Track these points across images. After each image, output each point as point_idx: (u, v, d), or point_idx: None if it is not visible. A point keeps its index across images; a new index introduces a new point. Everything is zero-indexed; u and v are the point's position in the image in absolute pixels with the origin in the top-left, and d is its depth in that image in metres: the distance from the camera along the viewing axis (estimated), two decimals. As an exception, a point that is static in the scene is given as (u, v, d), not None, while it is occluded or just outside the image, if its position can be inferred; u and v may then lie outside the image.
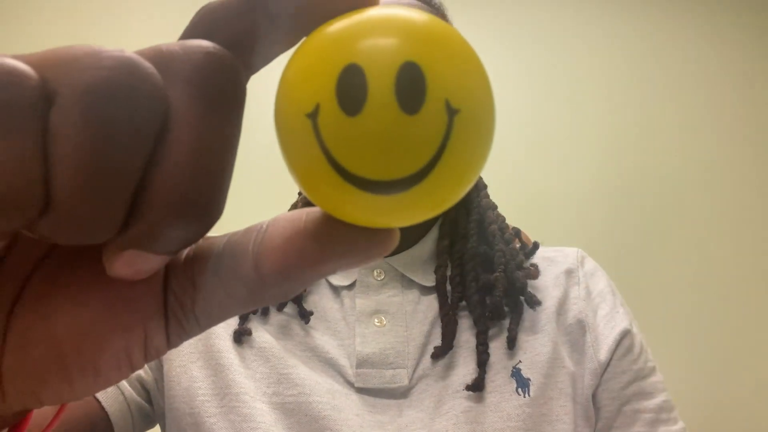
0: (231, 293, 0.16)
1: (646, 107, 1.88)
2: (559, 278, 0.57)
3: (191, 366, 0.51)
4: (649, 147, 1.86)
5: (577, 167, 1.85)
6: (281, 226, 0.16)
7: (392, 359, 0.51)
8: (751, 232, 1.83)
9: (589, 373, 0.52)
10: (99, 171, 0.12)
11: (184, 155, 0.13)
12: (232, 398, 0.48)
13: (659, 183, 1.85)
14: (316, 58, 0.14)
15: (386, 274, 0.56)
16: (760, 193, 1.85)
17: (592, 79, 1.89)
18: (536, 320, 0.54)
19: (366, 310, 0.53)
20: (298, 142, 0.14)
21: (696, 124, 1.87)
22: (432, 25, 0.14)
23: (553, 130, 1.87)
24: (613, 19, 1.92)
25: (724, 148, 1.87)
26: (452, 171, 0.14)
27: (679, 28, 1.91)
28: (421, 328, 0.53)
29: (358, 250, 0.16)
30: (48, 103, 0.12)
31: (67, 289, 0.16)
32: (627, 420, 0.51)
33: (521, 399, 0.49)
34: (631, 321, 0.55)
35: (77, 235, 0.13)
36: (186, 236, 0.14)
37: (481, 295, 0.53)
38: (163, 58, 0.14)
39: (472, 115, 0.14)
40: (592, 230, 1.81)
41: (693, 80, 1.89)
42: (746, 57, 1.89)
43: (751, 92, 1.89)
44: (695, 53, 1.90)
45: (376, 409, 0.49)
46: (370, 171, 0.14)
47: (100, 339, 0.16)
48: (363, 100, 0.13)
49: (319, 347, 0.52)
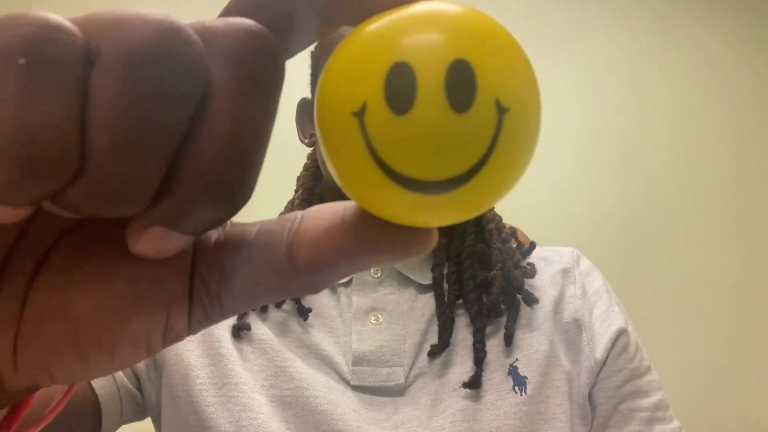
0: (261, 281, 0.16)
1: (642, 106, 1.88)
2: (555, 277, 0.57)
3: (189, 354, 0.51)
4: (646, 146, 1.87)
5: (573, 167, 1.85)
6: (318, 218, 0.16)
7: (388, 357, 0.51)
8: (750, 231, 1.83)
9: (586, 371, 0.52)
10: (136, 136, 0.12)
11: (221, 132, 0.13)
12: (231, 388, 0.48)
13: (655, 183, 1.85)
14: (362, 56, 0.14)
15: (383, 271, 0.56)
16: (758, 191, 1.85)
17: (590, 76, 1.90)
18: (533, 319, 0.54)
19: (362, 307, 0.53)
20: (343, 141, 0.14)
21: (694, 122, 1.88)
22: (479, 20, 0.14)
23: (549, 129, 1.86)
24: (608, 12, 1.92)
25: (721, 146, 1.87)
26: (500, 171, 0.14)
27: (675, 22, 1.91)
28: (417, 326, 0.53)
29: (397, 248, 0.15)
30: (90, 63, 0.12)
31: (90, 264, 0.16)
32: (623, 418, 0.52)
33: (518, 397, 0.49)
34: (627, 320, 0.56)
35: (107, 205, 0.13)
36: (214, 216, 0.14)
37: (478, 293, 0.53)
38: (206, 32, 0.13)
39: (521, 113, 0.14)
40: (587, 230, 1.81)
41: (690, 77, 1.89)
42: (745, 57, 1.90)
43: (750, 90, 1.89)
44: (692, 49, 1.90)
45: (372, 406, 0.49)
46: (417, 171, 0.13)
47: (121, 318, 0.16)
48: (412, 99, 0.13)
49: (314, 344, 0.52)
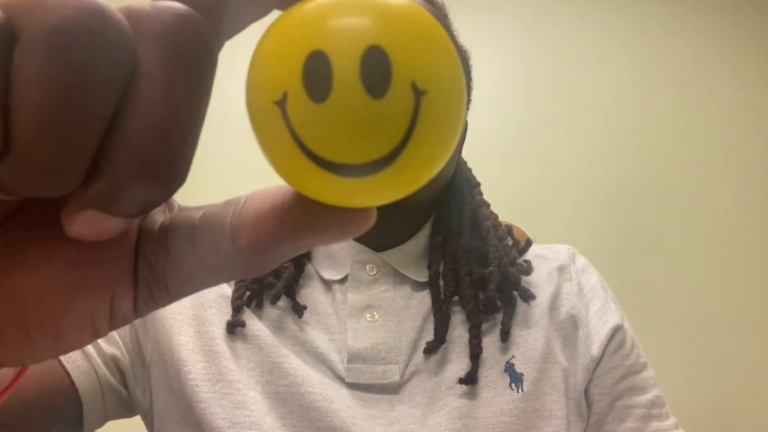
0: (206, 263, 0.16)
1: (641, 105, 1.88)
2: (551, 275, 0.57)
3: (180, 349, 0.50)
4: (643, 144, 1.87)
5: (570, 165, 1.86)
6: (259, 201, 0.16)
7: (384, 354, 0.51)
8: (750, 229, 1.83)
9: (582, 368, 0.52)
10: (61, 115, 0.12)
11: (150, 113, 0.13)
12: (224, 385, 0.48)
13: (653, 181, 1.85)
14: (281, 45, 0.14)
15: (378, 269, 0.55)
16: (758, 190, 1.85)
17: (587, 76, 1.90)
18: (529, 315, 0.54)
19: (358, 305, 0.53)
20: (269, 129, 0.14)
21: (692, 120, 1.88)
22: (396, 6, 0.14)
23: (547, 127, 1.88)
24: (608, 12, 1.92)
25: (720, 144, 1.87)
26: (422, 152, 0.14)
27: (673, 22, 1.91)
28: (413, 324, 0.53)
29: (334, 228, 0.16)
30: (11, 41, 0.12)
31: (34, 247, 0.16)
32: (619, 415, 0.51)
33: (514, 394, 0.49)
34: (623, 316, 0.56)
35: (35, 185, 0.13)
36: (147, 198, 0.14)
37: (474, 290, 0.53)
38: (134, 15, 0.13)
39: (440, 95, 0.14)
40: (585, 229, 1.81)
41: (688, 77, 1.89)
42: (744, 56, 1.89)
43: (749, 91, 1.88)
44: (690, 49, 1.90)
45: (368, 403, 0.49)
46: (340, 155, 0.14)
47: (64, 298, 0.16)
48: (329, 87, 0.13)
49: (309, 341, 0.52)
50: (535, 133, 1.88)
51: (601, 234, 1.81)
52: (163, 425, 0.50)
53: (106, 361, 0.51)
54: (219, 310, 0.53)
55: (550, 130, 1.88)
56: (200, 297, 0.54)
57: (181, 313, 0.52)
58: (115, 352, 0.51)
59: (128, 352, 0.52)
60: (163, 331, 0.51)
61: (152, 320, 0.52)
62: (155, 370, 0.51)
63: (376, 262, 0.56)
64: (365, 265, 0.55)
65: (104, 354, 0.51)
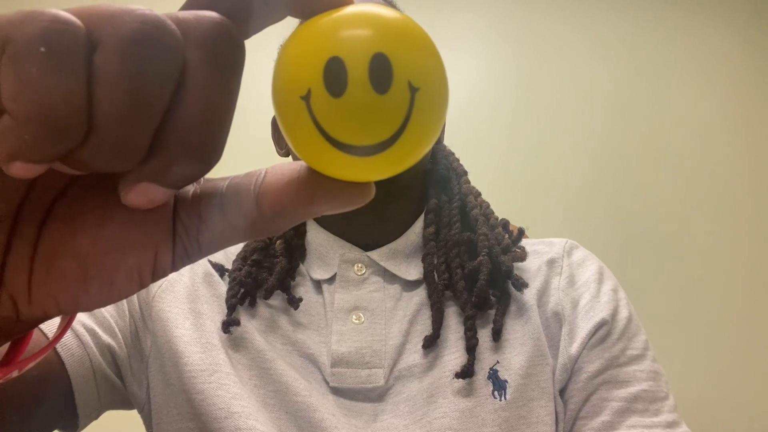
0: (232, 224, 0.20)
1: (642, 102, 1.89)
2: (540, 268, 0.56)
3: (177, 341, 0.51)
4: (643, 142, 1.88)
5: (572, 162, 1.86)
6: (279, 174, 0.20)
7: (368, 358, 0.50)
8: (750, 228, 1.83)
9: (560, 367, 0.51)
10: (131, 104, 0.15)
11: (195, 104, 0.16)
12: (222, 376, 0.49)
13: (654, 178, 1.86)
14: (305, 51, 0.18)
15: (367, 268, 0.55)
16: (759, 188, 1.86)
17: (586, 71, 1.91)
18: (522, 309, 0.53)
19: (344, 306, 0.53)
20: (295, 118, 0.18)
21: (693, 118, 1.88)
22: (396, 20, 0.18)
23: (548, 125, 1.89)
24: (608, 11, 1.93)
25: (721, 139, 1.87)
26: (415, 136, 0.18)
27: (673, 22, 1.92)
28: (399, 327, 0.52)
29: (341, 197, 0.20)
30: (92, 48, 0.15)
31: (91, 212, 0.20)
32: (593, 408, 0.49)
33: (497, 403, 0.48)
34: (616, 308, 0.53)
35: (108, 162, 0.16)
36: (191, 173, 0.17)
37: (466, 282, 0.52)
38: (181, 23, 0.17)
39: (430, 91, 0.18)
40: (586, 225, 1.82)
41: (689, 73, 1.90)
42: (744, 55, 1.91)
43: (750, 89, 1.90)
44: (690, 46, 1.91)
45: (351, 413, 0.49)
46: (352, 138, 0.18)
47: (118, 255, 0.19)
48: (344, 85, 0.17)
49: (300, 341, 0.52)
50: (533, 131, 1.88)
51: (599, 231, 1.81)
52: (161, 419, 0.51)
53: (102, 351, 0.51)
54: (213, 307, 0.54)
55: (549, 128, 1.88)
56: (196, 292, 0.55)
57: (178, 306, 0.53)
58: (113, 344, 0.52)
59: (126, 346, 0.53)
60: (160, 324, 0.52)
61: (150, 314, 0.53)
62: (153, 364, 0.52)
63: (365, 261, 0.55)
64: (353, 264, 0.55)
65: (101, 343, 0.51)
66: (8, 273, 0.19)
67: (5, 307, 0.19)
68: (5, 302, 0.19)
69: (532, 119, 1.90)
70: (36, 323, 0.21)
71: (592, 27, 1.93)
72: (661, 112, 1.89)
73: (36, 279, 0.19)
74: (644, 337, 0.53)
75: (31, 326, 0.21)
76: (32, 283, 0.19)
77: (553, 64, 1.91)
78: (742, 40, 1.91)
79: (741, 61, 1.91)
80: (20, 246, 0.19)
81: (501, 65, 1.93)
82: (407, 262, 0.56)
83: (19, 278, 0.19)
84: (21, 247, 0.19)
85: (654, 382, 0.50)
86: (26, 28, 0.14)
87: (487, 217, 0.57)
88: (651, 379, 0.50)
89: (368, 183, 0.20)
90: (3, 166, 0.15)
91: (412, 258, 0.56)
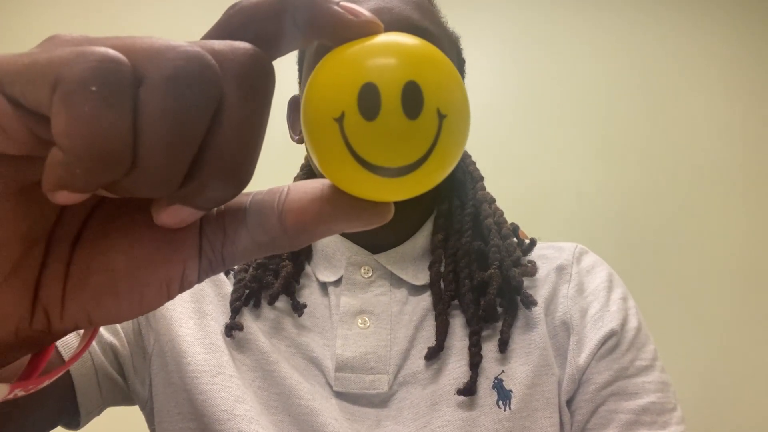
0: (255, 240, 0.21)
1: (646, 102, 1.89)
2: (549, 275, 0.55)
3: (180, 341, 0.51)
4: (649, 142, 1.87)
5: (579, 163, 1.87)
6: (302, 191, 0.20)
7: (373, 364, 0.50)
8: (753, 228, 1.83)
9: (567, 378, 0.50)
10: (173, 136, 0.16)
11: (232, 131, 0.17)
12: (225, 378, 0.49)
13: (660, 179, 1.86)
14: (340, 75, 0.19)
15: (374, 272, 0.55)
16: (761, 189, 1.85)
17: (593, 73, 1.91)
18: (530, 320, 0.52)
19: (350, 310, 0.52)
20: (326, 138, 0.19)
21: (696, 118, 1.88)
22: (426, 50, 0.19)
23: (555, 125, 1.89)
24: (614, 9, 1.93)
25: (724, 143, 1.87)
26: (441, 159, 0.19)
27: (680, 21, 1.92)
28: (405, 333, 0.52)
29: (363, 216, 0.20)
30: (137, 84, 0.16)
31: (121, 230, 0.20)
32: (601, 421, 0.49)
33: (501, 413, 0.47)
34: (626, 318, 0.52)
35: (150, 190, 0.17)
36: (223, 195, 0.18)
37: (474, 294, 0.52)
38: (217, 55, 0.17)
39: (456, 118, 0.19)
40: (594, 227, 1.82)
41: (695, 75, 1.90)
42: (744, 56, 1.91)
43: (754, 90, 1.90)
44: (696, 47, 1.91)
45: (354, 417, 0.49)
46: (382, 160, 0.18)
47: (149, 270, 0.20)
48: (378, 110, 0.18)
49: (304, 345, 0.52)
50: (536, 134, 1.88)
51: (601, 235, 1.81)
52: (162, 418, 0.51)
53: (104, 350, 0.51)
54: (217, 308, 0.54)
55: (556, 127, 1.88)
56: (200, 291, 0.55)
57: (182, 305, 0.53)
58: (115, 342, 0.52)
59: (129, 344, 0.53)
60: (164, 322, 0.52)
61: (154, 312, 0.52)
62: (156, 362, 0.52)
63: (372, 264, 0.55)
64: (360, 267, 0.55)
65: (103, 342, 0.51)
66: (43, 290, 0.20)
67: (39, 321, 0.20)
68: (39, 317, 0.20)
69: (535, 120, 1.89)
70: (64, 334, 0.21)
71: (600, 28, 1.92)
72: (676, 117, 1.88)
73: (69, 294, 0.20)
74: (653, 346, 0.53)
75: (59, 337, 0.22)
76: (66, 299, 0.20)
77: (558, 64, 1.91)
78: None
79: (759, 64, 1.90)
80: (54, 264, 0.20)
81: (501, 66, 1.92)
82: (415, 266, 0.55)
83: (54, 294, 0.20)
84: (55, 264, 0.20)
85: (662, 394, 0.49)
86: (77, 67, 0.15)
87: (500, 227, 0.56)
88: (659, 391, 0.49)
89: (388, 203, 0.21)
90: (48, 194, 0.16)
91: (420, 262, 0.56)
